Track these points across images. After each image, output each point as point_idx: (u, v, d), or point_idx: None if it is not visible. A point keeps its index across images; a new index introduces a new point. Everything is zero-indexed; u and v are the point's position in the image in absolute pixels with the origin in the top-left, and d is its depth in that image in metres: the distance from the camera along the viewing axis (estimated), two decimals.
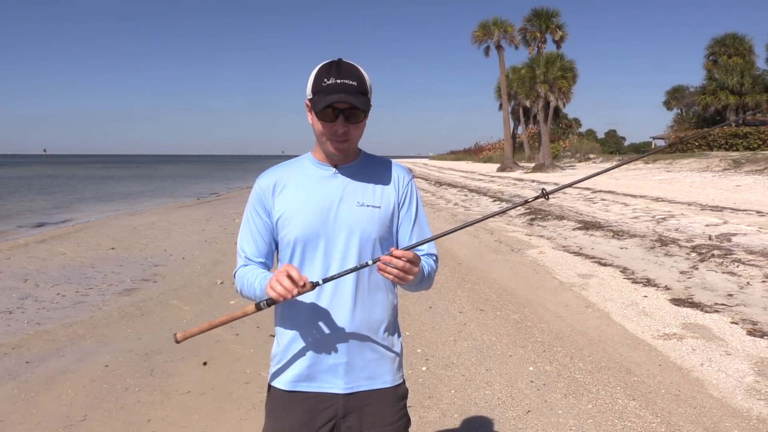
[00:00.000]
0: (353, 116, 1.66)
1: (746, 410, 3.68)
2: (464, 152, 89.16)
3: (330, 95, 1.61)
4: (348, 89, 1.62)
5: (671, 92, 57.19)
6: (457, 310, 6.20)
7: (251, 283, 1.70)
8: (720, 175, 22.19)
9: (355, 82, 1.64)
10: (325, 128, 1.66)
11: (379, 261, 1.55)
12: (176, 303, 6.72)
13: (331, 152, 1.71)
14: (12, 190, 33.59)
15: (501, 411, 3.76)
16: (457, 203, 19.78)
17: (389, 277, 1.56)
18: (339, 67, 1.65)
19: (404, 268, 1.54)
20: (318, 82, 1.65)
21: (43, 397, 4.08)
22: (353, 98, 1.62)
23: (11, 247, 11.18)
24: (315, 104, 1.65)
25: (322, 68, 1.67)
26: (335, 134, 1.66)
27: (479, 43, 42.27)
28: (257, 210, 1.77)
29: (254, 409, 3.80)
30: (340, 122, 1.64)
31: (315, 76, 1.67)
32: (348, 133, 1.67)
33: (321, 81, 1.64)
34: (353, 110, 1.65)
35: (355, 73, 1.65)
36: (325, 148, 1.72)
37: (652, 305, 6.09)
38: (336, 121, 1.64)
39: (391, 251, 1.54)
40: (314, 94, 1.66)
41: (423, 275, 1.70)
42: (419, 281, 1.68)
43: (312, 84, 1.67)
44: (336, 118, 1.64)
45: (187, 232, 13.35)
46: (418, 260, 1.60)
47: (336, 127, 1.65)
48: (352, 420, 1.74)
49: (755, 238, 9.23)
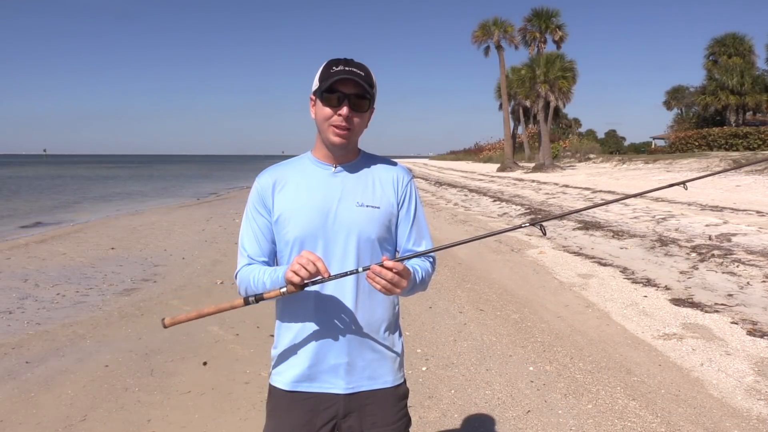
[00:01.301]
0: (358, 105, 1.67)
1: (746, 410, 3.68)
2: (464, 152, 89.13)
3: (338, 77, 1.64)
4: (356, 76, 1.64)
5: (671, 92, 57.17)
6: (457, 310, 6.20)
7: (259, 279, 1.68)
8: (720, 175, 22.18)
9: (363, 72, 1.66)
10: (329, 114, 1.67)
11: (369, 270, 1.56)
12: (176, 303, 6.72)
13: (331, 142, 1.70)
14: (13, 190, 33.60)
15: (501, 411, 3.76)
16: (457, 203, 19.78)
17: (376, 287, 1.56)
18: (348, 60, 1.69)
19: (392, 281, 1.54)
20: (326, 71, 1.68)
21: (43, 397, 4.08)
22: (360, 85, 1.65)
23: (11, 247, 11.18)
24: (321, 87, 1.66)
25: (331, 61, 1.70)
26: (339, 120, 1.66)
27: (479, 43, 42.30)
28: (258, 209, 1.76)
29: (254, 409, 3.80)
30: (345, 107, 1.65)
31: (323, 68, 1.70)
32: (351, 121, 1.67)
33: (329, 69, 1.67)
34: (358, 99, 1.66)
35: (364, 68, 1.69)
36: (327, 138, 1.71)
37: (652, 305, 6.09)
38: (340, 106, 1.65)
39: (383, 261, 1.54)
40: (321, 82, 1.68)
41: (414, 283, 1.70)
42: (410, 289, 1.69)
43: (319, 74, 1.70)
44: (340, 103, 1.65)
45: (187, 232, 13.35)
46: (408, 273, 1.60)
47: (340, 111, 1.65)
48: (352, 420, 1.74)
49: (755, 238, 9.23)
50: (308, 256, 1.55)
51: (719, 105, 41.58)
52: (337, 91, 1.64)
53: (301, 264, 1.53)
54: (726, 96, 40.70)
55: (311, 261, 1.53)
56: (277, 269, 1.67)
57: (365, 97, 1.67)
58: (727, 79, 40.09)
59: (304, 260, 1.54)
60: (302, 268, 1.53)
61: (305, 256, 1.55)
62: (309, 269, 1.53)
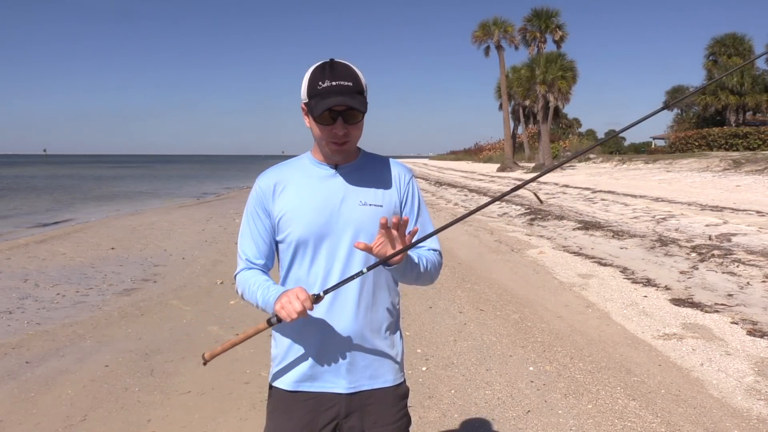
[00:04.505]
0: (352, 117, 1.63)
1: (746, 410, 3.68)
2: (464, 152, 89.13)
3: (327, 99, 1.59)
4: (344, 90, 1.59)
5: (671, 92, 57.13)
6: (457, 310, 6.20)
7: (253, 292, 1.70)
8: (720, 175, 22.17)
9: (351, 82, 1.61)
10: (324, 132, 1.64)
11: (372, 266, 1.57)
12: (176, 303, 6.72)
13: (331, 154, 1.70)
14: (14, 190, 33.59)
15: (501, 411, 3.76)
16: (457, 203, 19.78)
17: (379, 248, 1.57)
18: (333, 68, 1.62)
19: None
20: (313, 86, 1.62)
21: (43, 397, 4.08)
22: (350, 99, 1.59)
23: (11, 247, 11.18)
24: (312, 109, 1.62)
25: (315, 71, 1.63)
26: (335, 137, 1.64)
27: (479, 43, 42.33)
28: (257, 211, 1.76)
29: (254, 409, 3.80)
30: (339, 124, 1.62)
31: (309, 79, 1.64)
32: (348, 135, 1.65)
33: (316, 85, 1.61)
34: (351, 111, 1.62)
35: (350, 73, 1.62)
36: (325, 151, 1.71)
37: (652, 305, 6.09)
38: (334, 123, 1.62)
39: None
40: (310, 99, 1.63)
41: (419, 271, 1.70)
42: (415, 277, 1.70)
43: (306, 88, 1.64)
44: (334, 121, 1.62)
45: (187, 232, 13.34)
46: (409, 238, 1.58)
47: (335, 129, 1.63)
48: (354, 420, 1.74)
49: (755, 238, 9.23)
50: (296, 294, 1.55)
51: (719, 105, 41.60)
52: (328, 110, 1.60)
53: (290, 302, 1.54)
54: (726, 96, 40.72)
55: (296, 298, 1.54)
56: (270, 288, 1.67)
57: (358, 109, 1.62)
58: (727, 79, 40.11)
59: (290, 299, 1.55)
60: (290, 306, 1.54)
61: (293, 292, 1.56)
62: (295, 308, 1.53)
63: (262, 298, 1.67)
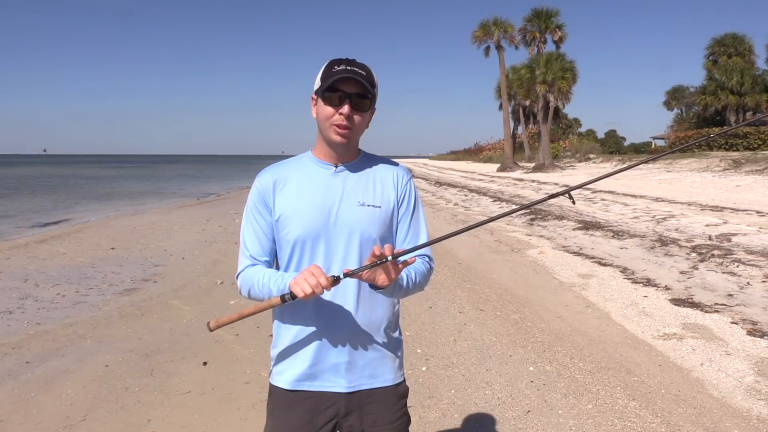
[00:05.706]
0: (359, 104, 1.67)
1: (746, 410, 3.68)
2: (464, 152, 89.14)
3: (340, 76, 1.64)
4: (358, 75, 1.65)
5: (671, 92, 57.21)
6: (457, 310, 6.20)
7: (264, 284, 1.67)
8: (720, 175, 22.18)
9: (365, 72, 1.67)
10: (330, 113, 1.67)
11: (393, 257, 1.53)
12: (176, 303, 6.72)
13: (333, 141, 1.70)
14: (14, 190, 33.59)
15: (501, 411, 3.76)
16: (457, 203, 19.78)
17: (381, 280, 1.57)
18: (350, 60, 1.69)
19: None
20: (328, 71, 1.68)
21: (43, 397, 4.08)
22: (361, 84, 1.65)
23: (11, 247, 11.18)
24: (323, 86, 1.66)
25: (332, 61, 1.70)
26: (340, 119, 1.66)
27: (479, 43, 42.31)
28: (258, 208, 1.76)
29: (254, 409, 3.80)
30: (347, 107, 1.65)
31: (325, 67, 1.70)
32: (352, 120, 1.67)
33: (331, 69, 1.67)
34: (360, 98, 1.66)
35: (366, 67, 1.69)
36: (328, 137, 1.70)
37: (652, 305, 6.09)
38: (342, 105, 1.65)
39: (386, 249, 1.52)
40: (322, 81, 1.68)
41: (401, 288, 1.69)
42: (401, 291, 1.70)
43: (321, 74, 1.70)
44: (342, 102, 1.65)
45: (187, 232, 13.35)
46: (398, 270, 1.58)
47: (342, 110, 1.65)
48: (353, 419, 1.74)
49: (755, 238, 9.23)
50: (311, 271, 1.55)
51: (719, 105, 41.60)
52: (338, 90, 1.65)
53: (305, 278, 1.53)
54: (726, 96, 40.72)
55: (311, 275, 1.54)
56: (283, 276, 1.66)
57: (366, 97, 1.67)
58: (727, 79, 40.13)
59: (305, 276, 1.54)
60: (305, 282, 1.53)
61: (309, 270, 1.55)
62: (311, 282, 1.52)
63: (276, 287, 1.64)
